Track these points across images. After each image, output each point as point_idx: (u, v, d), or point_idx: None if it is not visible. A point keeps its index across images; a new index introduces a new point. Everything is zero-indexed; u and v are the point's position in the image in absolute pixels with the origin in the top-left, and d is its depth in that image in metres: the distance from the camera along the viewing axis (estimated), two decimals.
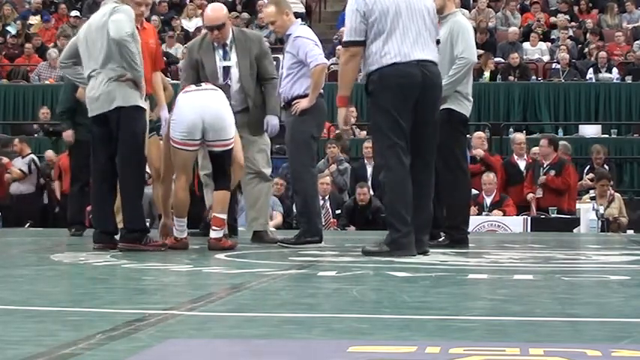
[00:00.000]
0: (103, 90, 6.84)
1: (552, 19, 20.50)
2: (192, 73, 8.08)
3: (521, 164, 13.99)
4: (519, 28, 20.08)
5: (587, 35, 19.70)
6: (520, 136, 14.65)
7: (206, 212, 7.25)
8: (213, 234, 7.11)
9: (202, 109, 7.01)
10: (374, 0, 6.44)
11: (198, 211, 8.77)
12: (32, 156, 15.51)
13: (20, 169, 15.29)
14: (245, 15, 21.21)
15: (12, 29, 21.45)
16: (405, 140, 6.41)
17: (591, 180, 14.06)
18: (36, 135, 17.73)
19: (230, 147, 7.10)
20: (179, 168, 7.18)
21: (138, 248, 6.78)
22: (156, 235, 7.46)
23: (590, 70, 18.17)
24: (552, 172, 13.38)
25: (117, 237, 7.04)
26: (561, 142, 14.43)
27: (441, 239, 7.60)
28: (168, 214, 7.45)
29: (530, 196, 13.39)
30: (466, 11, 18.42)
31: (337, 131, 15.22)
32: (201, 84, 7.51)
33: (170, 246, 7.09)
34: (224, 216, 7.22)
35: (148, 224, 7.59)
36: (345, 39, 6.63)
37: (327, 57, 19.37)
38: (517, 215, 13.20)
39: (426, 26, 6.53)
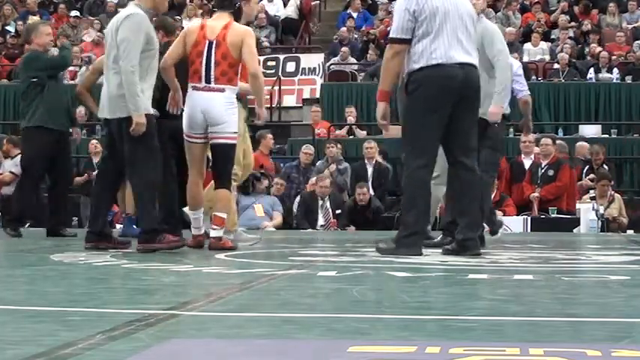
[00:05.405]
0: (113, 94, 6.90)
1: (552, 18, 20.48)
2: None
3: (527, 163, 13.94)
4: (519, 28, 20.06)
5: (587, 35, 19.68)
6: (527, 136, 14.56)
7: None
8: (213, 233, 7.12)
9: (202, 103, 7.07)
10: (425, 0, 6.46)
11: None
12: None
13: (11, 172, 14.55)
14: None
15: (12, 29, 21.44)
16: (436, 144, 6.46)
17: (592, 180, 14.05)
18: None
19: (231, 142, 7.10)
20: (190, 161, 7.28)
21: (155, 248, 6.79)
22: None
23: (591, 70, 18.15)
24: (551, 172, 13.38)
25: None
26: (558, 142, 14.41)
27: (437, 239, 7.59)
28: None
29: (533, 195, 13.38)
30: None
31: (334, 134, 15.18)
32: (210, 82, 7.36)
33: (187, 245, 7.12)
34: (224, 215, 7.23)
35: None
36: (391, 35, 6.62)
37: (327, 57, 19.48)
38: (517, 215, 13.20)
39: (468, 31, 6.57)
